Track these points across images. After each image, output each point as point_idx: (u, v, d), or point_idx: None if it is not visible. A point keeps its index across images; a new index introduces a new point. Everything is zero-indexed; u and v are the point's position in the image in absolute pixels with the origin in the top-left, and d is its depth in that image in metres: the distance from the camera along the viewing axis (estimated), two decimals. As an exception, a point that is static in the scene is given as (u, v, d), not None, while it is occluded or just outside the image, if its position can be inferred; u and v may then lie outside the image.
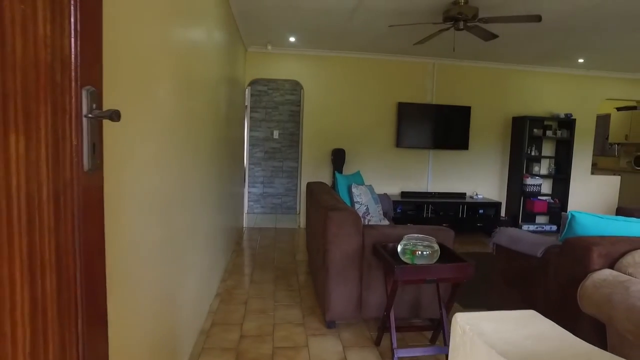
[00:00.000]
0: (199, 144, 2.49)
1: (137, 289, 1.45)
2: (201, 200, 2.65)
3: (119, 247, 1.25)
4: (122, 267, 1.28)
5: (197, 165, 2.48)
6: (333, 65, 5.69)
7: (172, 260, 1.92)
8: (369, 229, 2.58)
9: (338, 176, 3.59)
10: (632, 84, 6.42)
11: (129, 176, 1.33)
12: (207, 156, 2.83)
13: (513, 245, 2.45)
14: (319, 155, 5.80)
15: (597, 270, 1.90)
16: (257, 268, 3.98)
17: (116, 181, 1.21)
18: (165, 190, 1.77)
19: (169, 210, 1.84)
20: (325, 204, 2.72)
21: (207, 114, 2.78)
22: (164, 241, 1.76)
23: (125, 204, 1.29)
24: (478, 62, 5.93)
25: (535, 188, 6.06)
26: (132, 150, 1.35)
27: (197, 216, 2.50)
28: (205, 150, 2.75)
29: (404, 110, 5.76)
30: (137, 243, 1.42)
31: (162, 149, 1.71)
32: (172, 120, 1.86)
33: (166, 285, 1.83)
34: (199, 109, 2.50)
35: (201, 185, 2.63)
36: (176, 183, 1.96)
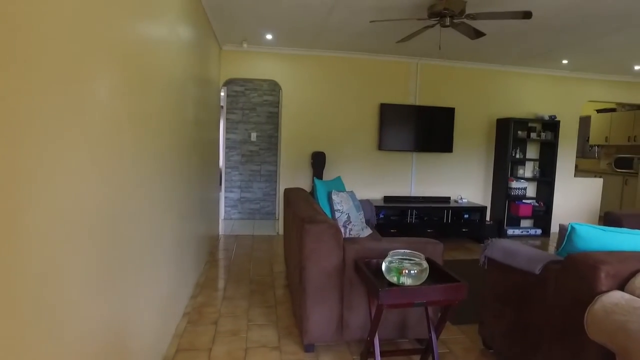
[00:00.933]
0: (159, 148, 2.21)
1: (63, 329, 1.16)
2: (164, 210, 2.36)
3: (20, 282, 0.97)
4: (30, 308, 1.00)
5: (159, 171, 2.19)
6: (312, 64, 5.45)
7: (119, 284, 1.63)
8: (351, 243, 2.33)
9: (317, 183, 3.34)
10: (613, 86, 6.37)
11: (39, 191, 1.04)
12: (172, 160, 2.55)
13: (507, 259, 2.24)
14: (299, 159, 5.54)
15: (605, 292, 1.70)
16: (231, 281, 3.69)
17: (14, 198, 0.93)
18: (107, 203, 1.49)
19: (114, 226, 1.56)
20: (302, 215, 2.46)
21: (170, 116, 2.49)
22: (103, 264, 1.48)
23: (29, 225, 1.01)
24: (462, 63, 5.77)
25: (520, 191, 5.93)
26: (42, 158, 1.07)
27: (158, 228, 2.21)
28: (169, 155, 2.46)
29: (386, 112, 5.55)
30: (55, 272, 1.13)
31: (101, 156, 1.42)
32: (118, 123, 1.57)
33: (110, 315, 1.54)
34: (159, 110, 2.21)
35: (164, 192, 2.35)
36: (126, 193, 1.67)
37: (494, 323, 2.39)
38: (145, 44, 1.94)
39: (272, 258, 4.48)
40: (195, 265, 3.57)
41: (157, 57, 2.17)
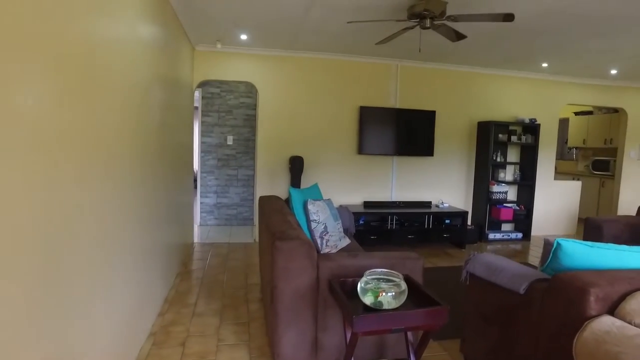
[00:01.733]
0: (114, 153, 2.00)
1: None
2: (124, 218, 2.16)
3: None
4: None
5: (115, 179, 1.99)
6: (290, 66, 5.27)
7: (62, 306, 1.44)
8: (325, 260, 2.18)
9: (292, 192, 3.17)
10: (591, 90, 6.39)
11: None
12: (133, 166, 2.34)
13: (490, 276, 2.12)
14: (276, 164, 5.36)
15: (594, 317, 1.58)
16: (203, 295, 3.49)
17: None
18: (46, 219, 1.29)
19: (57, 244, 1.36)
20: (273, 230, 2.29)
21: (130, 120, 2.29)
22: (39, 290, 1.28)
23: None
24: (443, 65, 5.68)
25: (501, 195, 5.88)
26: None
27: (116, 241, 2.01)
28: (129, 160, 2.26)
29: (366, 115, 5.42)
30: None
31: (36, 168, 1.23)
32: (56, 131, 1.38)
33: (49, 347, 1.35)
34: (115, 114, 2.01)
35: (125, 202, 2.14)
36: (72, 206, 1.48)
37: (477, 342, 2.26)
38: (95, 43, 1.74)
39: (247, 268, 4.29)
40: (164, 278, 3.36)
41: (113, 58, 1.96)
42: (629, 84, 6.55)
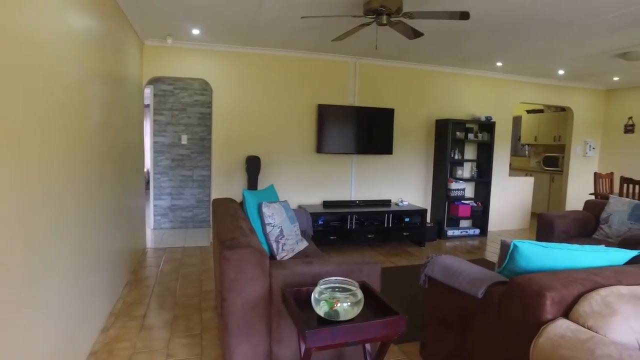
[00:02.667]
0: (48, 155, 1.79)
1: None
2: (65, 227, 1.94)
3: None
4: None
5: (48, 182, 1.78)
6: (245, 63, 5.09)
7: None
8: (278, 269, 2.05)
9: (246, 194, 3.02)
10: (541, 89, 6.60)
11: None
12: (75, 169, 2.12)
13: (448, 279, 2.07)
14: (233, 164, 5.17)
15: (550, 320, 1.55)
16: (153, 306, 3.27)
17: None
18: None
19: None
20: (222, 237, 2.15)
21: (65, 120, 2.07)
22: None
23: None
24: (401, 63, 5.67)
25: (459, 192, 5.96)
26: None
27: (51, 249, 1.80)
28: (58, 163, 2.04)
29: (324, 113, 5.33)
30: None
31: None
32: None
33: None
34: (47, 114, 1.80)
35: (63, 206, 1.93)
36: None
37: (437, 346, 2.22)
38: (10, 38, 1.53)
39: (202, 274, 4.10)
40: (110, 289, 3.12)
41: (32, 52, 1.75)
42: (574, 84, 6.83)
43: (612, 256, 1.96)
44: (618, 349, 1.37)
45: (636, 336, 1.51)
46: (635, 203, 3.94)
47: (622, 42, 4.32)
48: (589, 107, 7.05)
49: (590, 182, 7.15)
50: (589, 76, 6.24)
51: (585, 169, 7.17)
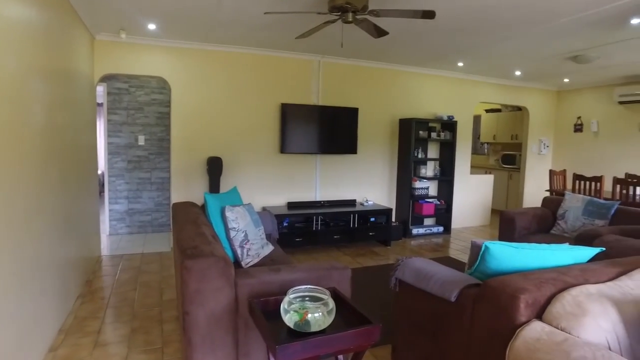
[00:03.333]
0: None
1: None
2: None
3: None
4: None
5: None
6: (206, 60, 4.90)
7: None
8: (244, 278, 1.94)
9: (208, 198, 2.87)
10: (499, 89, 6.80)
11: None
12: (9, 173, 1.91)
13: (420, 283, 2.03)
14: (193, 165, 4.96)
15: (525, 323, 1.53)
16: (109, 320, 3.06)
17: None
18: None
19: None
20: (184, 245, 2.01)
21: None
22: None
23: None
24: (365, 62, 5.66)
25: (423, 191, 6.02)
26: None
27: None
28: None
29: (288, 112, 5.22)
30: None
31: None
32: None
33: None
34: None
35: None
36: None
37: (409, 350, 2.18)
38: None
39: (163, 281, 3.90)
40: (59, 303, 2.88)
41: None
42: (529, 85, 7.08)
43: (577, 254, 1.99)
44: (592, 349, 1.37)
45: (605, 335, 1.52)
46: (588, 199, 4.10)
47: (574, 46, 4.48)
48: (542, 107, 7.34)
49: (545, 179, 7.44)
50: (542, 77, 6.48)
51: (540, 166, 7.45)
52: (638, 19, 3.61)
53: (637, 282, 1.75)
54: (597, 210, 3.97)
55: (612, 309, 1.58)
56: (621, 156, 6.59)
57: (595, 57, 4.88)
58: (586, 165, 7.03)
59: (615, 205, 3.91)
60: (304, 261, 4.65)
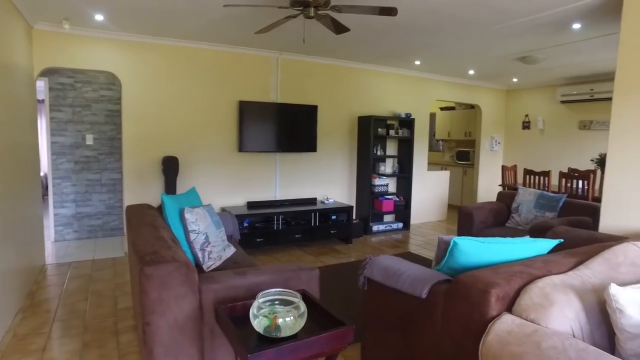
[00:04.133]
0: None
1: None
2: None
3: None
4: None
5: None
6: (159, 55, 4.67)
7: None
8: (209, 283, 1.84)
9: (165, 200, 2.72)
10: (453, 87, 7.00)
11: None
12: None
13: (389, 281, 2.02)
14: (147, 165, 4.72)
15: (495, 317, 1.55)
16: (55, 335, 2.83)
17: None
18: None
19: None
20: (142, 251, 1.87)
21: None
22: None
23: None
24: (324, 59, 5.62)
25: (383, 188, 6.09)
26: None
27: None
28: None
29: (246, 110, 5.09)
30: None
31: None
32: None
33: None
34: None
35: None
36: None
37: (379, 349, 2.16)
38: None
39: (117, 289, 3.67)
40: (-2, 320, 2.63)
41: None
42: (482, 84, 7.35)
43: (539, 246, 2.05)
44: (560, 339, 1.40)
45: (570, 323, 1.57)
46: (539, 193, 4.29)
47: (523, 47, 4.68)
48: (493, 105, 7.64)
49: (498, 174, 7.76)
50: (493, 77, 6.74)
51: (492, 162, 7.76)
52: (579, 24, 3.82)
53: (593, 271, 1.82)
54: (547, 203, 4.17)
55: (575, 298, 1.63)
56: (564, 152, 6.98)
57: (542, 58, 5.13)
58: (534, 161, 7.39)
59: (563, 198, 4.12)
60: (265, 262, 4.55)
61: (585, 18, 3.66)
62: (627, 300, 1.53)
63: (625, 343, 1.53)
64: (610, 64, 5.41)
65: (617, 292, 1.53)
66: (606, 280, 1.78)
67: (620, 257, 1.95)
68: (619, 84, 2.97)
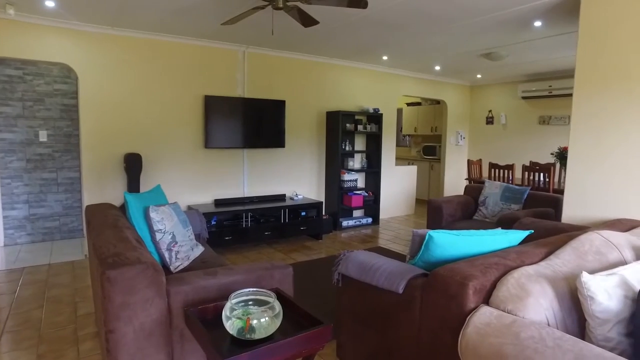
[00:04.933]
0: None
1: None
2: None
3: None
4: None
5: None
6: (119, 47, 4.44)
7: None
8: (178, 285, 1.74)
9: (129, 198, 2.57)
10: (420, 83, 7.08)
11: None
12: None
13: (365, 276, 1.98)
14: (108, 163, 4.49)
15: (474, 309, 1.54)
16: (5, 349, 2.63)
17: None
18: None
19: None
20: (104, 253, 1.75)
21: None
22: None
23: None
24: (291, 53, 5.54)
25: (352, 183, 6.08)
26: None
27: None
28: None
29: (212, 105, 4.94)
30: None
31: None
32: None
33: None
34: None
35: None
36: None
37: (355, 346, 2.12)
38: None
39: (77, 294, 3.47)
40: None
41: None
42: (447, 80, 7.48)
43: (511, 237, 2.07)
44: (537, 328, 1.40)
45: (545, 313, 1.58)
46: (505, 186, 4.40)
47: (488, 43, 4.77)
48: (458, 100, 7.80)
49: (463, 168, 7.94)
50: (458, 73, 6.87)
51: (458, 156, 7.93)
52: (539, 22, 3.93)
53: (563, 260, 1.85)
54: (513, 196, 4.28)
55: (548, 287, 1.65)
56: (525, 146, 7.22)
57: (505, 55, 5.26)
58: (497, 155, 7.61)
59: (527, 191, 4.25)
60: (235, 261, 4.44)
61: (545, 16, 3.76)
62: (597, 288, 1.56)
63: (595, 329, 1.56)
64: (568, 61, 5.62)
65: (588, 280, 1.56)
66: (575, 269, 1.82)
67: (586, 245, 2.00)
68: (578, 80, 3.07)
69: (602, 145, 2.97)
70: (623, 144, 2.86)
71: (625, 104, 2.83)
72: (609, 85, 2.89)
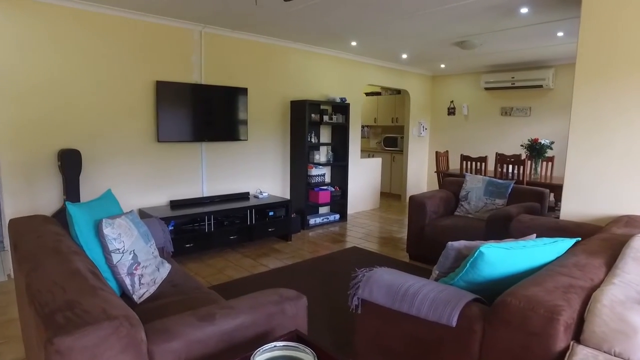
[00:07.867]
0: None
1: None
2: None
3: None
4: None
5: None
6: (48, 20, 3.65)
7: None
8: (163, 341, 1.23)
9: (72, 210, 1.96)
10: (384, 72, 6.80)
11: None
12: None
13: (398, 304, 1.58)
14: (36, 162, 3.72)
15: (565, 350, 1.20)
16: None
17: None
18: None
19: None
20: (46, 304, 1.19)
21: None
22: None
23: None
24: (254, 36, 4.98)
25: (320, 178, 5.68)
26: None
27: None
28: None
29: (164, 92, 4.29)
30: None
31: None
32: None
33: None
34: None
35: None
36: None
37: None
38: None
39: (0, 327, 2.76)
40: None
41: None
42: (410, 69, 7.26)
43: (559, 247, 1.77)
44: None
45: None
46: (488, 180, 4.21)
47: (465, 30, 4.54)
48: (420, 91, 7.62)
49: (426, 159, 7.81)
50: (422, 62, 6.65)
51: (420, 148, 7.78)
52: (527, 8, 3.73)
53: (633, 275, 1.58)
54: (497, 190, 4.09)
55: None
56: (487, 137, 7.21)
57: (479, 43, 5.07)
58: (459, 146, 7.54)
59: (512, 185, 4.08)
60: (198, 271, 3.88)
61: (533, 3, 3.56)
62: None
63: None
64: (535, 52, 5.56)
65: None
66: (649, 285, 1.55)
67: (641, 253, 1.75)
68: (580, 72, 2.87)
69: (604, 132, 2.81)
70: (624, 129, 2.69)
71: (629, 89, 2.66)
72: (611, 71, 2.71)
